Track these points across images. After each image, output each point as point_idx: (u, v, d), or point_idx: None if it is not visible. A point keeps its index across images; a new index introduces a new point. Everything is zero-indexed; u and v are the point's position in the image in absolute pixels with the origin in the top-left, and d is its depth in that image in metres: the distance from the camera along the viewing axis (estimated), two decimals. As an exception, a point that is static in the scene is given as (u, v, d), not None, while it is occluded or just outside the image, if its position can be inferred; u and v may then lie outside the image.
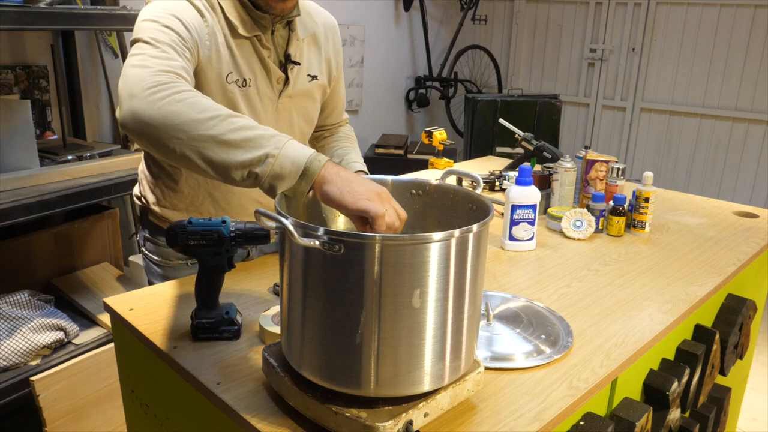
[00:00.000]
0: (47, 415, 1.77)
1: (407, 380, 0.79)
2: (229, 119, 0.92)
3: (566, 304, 1.25)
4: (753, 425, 2.58)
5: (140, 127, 0.94)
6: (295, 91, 1.35)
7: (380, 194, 0.87)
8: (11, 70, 2.38)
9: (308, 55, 1.37)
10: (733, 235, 1.70)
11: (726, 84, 4.05)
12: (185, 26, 1.13)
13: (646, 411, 1.11)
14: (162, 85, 0.95)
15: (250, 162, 0.89)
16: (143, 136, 0.95)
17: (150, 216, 1.42)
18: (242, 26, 1.22)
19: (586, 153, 1.81)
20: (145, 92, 0.94)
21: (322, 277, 0.78)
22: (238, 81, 1.25)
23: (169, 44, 1.07)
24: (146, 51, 1.04)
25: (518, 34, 4.87)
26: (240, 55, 1.24)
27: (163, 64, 1.02)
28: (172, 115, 0.92)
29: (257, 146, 0.89)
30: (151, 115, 0.92)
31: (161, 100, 0.93)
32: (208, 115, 0.92)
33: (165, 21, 1.11)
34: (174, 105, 0.92)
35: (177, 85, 0.96)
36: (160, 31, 1.09)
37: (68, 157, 2.17)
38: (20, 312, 1.94)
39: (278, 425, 0.85)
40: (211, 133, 0.90)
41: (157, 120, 0.92)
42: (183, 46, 1.10)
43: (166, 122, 0.92)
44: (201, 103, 0.94)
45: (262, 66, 1.28)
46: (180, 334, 1.08)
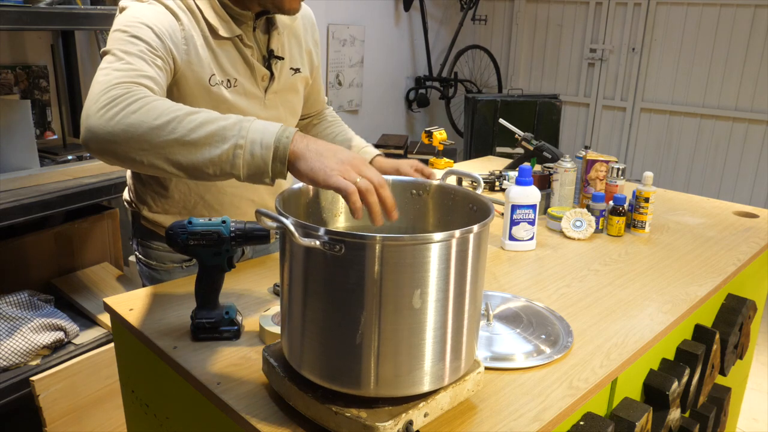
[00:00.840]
0: (47, 415, 1.77)
1: (407, 380, 0.79)
2: (188, 118, 0.89)
3: (566, 304, 1.25)
4: (753, 425, 2.58)
5: (102, 146, 0.91)
6: (280, 87, 1.33)
7: (352, 163, 0.85)
8: (11, 70, 2.38)
9: (290, 48, 1.36)
10: (733, 235, 1.70)
11: (726, 84, 4.05)
12: (156, 34, 1.09)
13: (646, 411, 1.11)
14: (115, 100, 0.92)
15: (219, 158, 0.87)
16: (108, 154, 0.93)
17: (142, 221, 1.40)
18: (222, 27, 1.19)
19: (586, 153, 1.81)
20: (100, 111, 0.91)
21: (322, 277, 0.78)
22: (223, 82, 1.23)
23: (136, 54, 1.04)
24: (111, 64, 1.01)
25: (518, 34, 4.87)
26: (223, 56, 1.22)
27: (124, 75, 0.98)
28: (131, 128, 0.89)
29: (222, 139, 0.87)
30: (110, 132, 0.90)
31: (116, 116, 0.90)
32: (166, 119, 0.89)
33: (134, 31, 1.07)
34: (130, 117, 0.90)
35: (130, 95, 0.92)
36: (128, 42, 1.06)
37: (68, 157, 2.17)
38: (20, 312, 1.94)
39: (278, 425, 0.85)
40: (173, 137, 0.88)
41: (117, 136, 0.90)
42: (153, 54, 1.07)
43: (126, 137, 0.89)
44: (156, 108, 0.90)
45: (246, 65, 1.26)
46: (180, 334, 1.08)
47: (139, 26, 1.08)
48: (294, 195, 0.92)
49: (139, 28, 1.08)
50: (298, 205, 0.93)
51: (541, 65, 4.84)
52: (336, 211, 0.98)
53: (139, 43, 1.06)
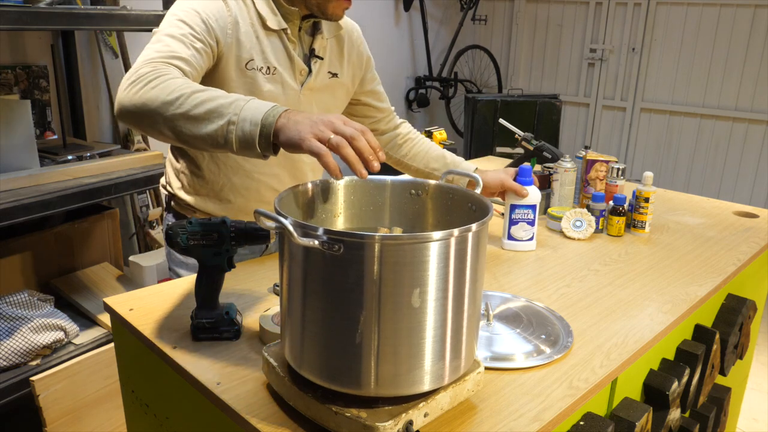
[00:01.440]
0: (47, 415, 1.77)
1: (407, 380, 0.79)
2: (193, 95, 0.99)
3: (566, 304, 1.25)
4: (753, 425, 2.58)
5: (125, 116, 1.06)
6: (316, 85, 1.40)
7: (326, 122, 0.89)
8: (11, 70, 2.38)
9: (330, 53, 1.42)
10: (733, 235, 1.70)
11: (726, 84, 4.05)
12: (202, 19, 1.20)
13: (646, 411, 1.11)
14: (141, 77, 1.04)
15: (215, 133, 0.96)
16: (131, 123, 1.07)
17: (174, 203, 1.50)
18: (271, 19, 1.29)
19: (586, 153, 1.81)
20: (128, 86, 1.04)
21: (321, 277, 0.78)
22: (263, 69, 1.30)
23: (177, 37, 1.16)
24: (153, 45, 1.15)
25: (518, 34, 4.87)
26: (268, 45, 1.30)
27: (159, 55, 1.11)
28: (148, 102, 1.02)
29: (219, 115, 0.96)
30: (132, 104, 1.03)
31: (139, 91, 1.02)
32: (176, 95, 0.99)
33: (182, 15, 1.20)
34: (149, 92, 1.01)
35: (154, 72, 1.04)
36: (174, 25, 1.18)
37: (68, 157, 2.17)
38: (20, 312, 1.94)
39: (278, 425, 0.85)
40: (180, 112, 0.99)
41: (137, 108, 1.03)
42: (194, 38, 1.18)
43: (144, 109, 1.02)
44: (170, 84, 1.01)
45: (287, 57, 1.33)
46: (180, 334, 1.09)
47: (188, 11, 1.20)
48: (293, 195, 0.92)
49: (188, 12, 1.20)
50: (297, 205, 0.93)
51: (541, 65, 4.84)
52: (335, 211, 0.98)
53: (184, 27, 1.18)
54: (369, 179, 0.99)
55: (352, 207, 0.99)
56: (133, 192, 2.42)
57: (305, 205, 0.95)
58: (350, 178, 0.99)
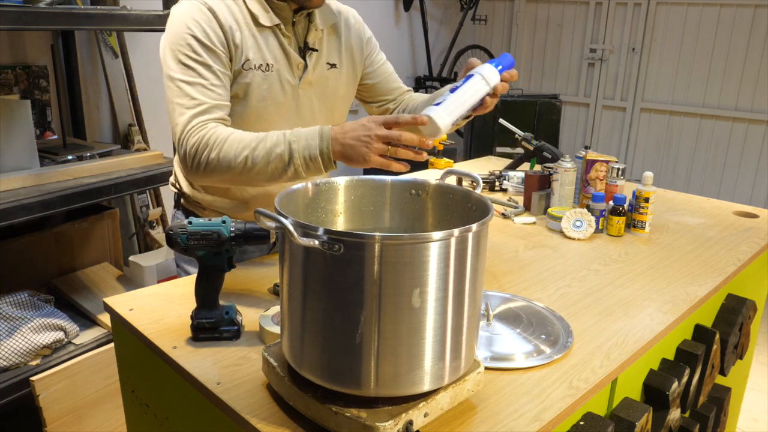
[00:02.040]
0: (47, 415, 1.77)
1: (407, 380, 0.79)
2: (251, 157, 1.17)
3: (566, 304, 1.25)
4: (753, 425, 2.58)
5: (201, 182, 1.40)
6: (314, 78, 1.40)
7: (371, 136, 1.11)
8: (11, 70, 2.38)
9: (328, 44, 1.42)
10: (733, 235, 1.70)
11: (726, 84, 4.05)
12: (203, 44, 1.24)
13: (646, 411, 1.11)
14: (196, 154, 1.21)
15: (288, 176, 1.18)
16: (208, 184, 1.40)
17: (183, 201, 1.51)
18: (263, 15, 1.30)
19: (586, 153, 1.81)
20: (189, 164, 1.23)
21: (321, 277, 0.78)
22: (261, 66, 1.31)
23: (196, 83, 1.23)
24: (178, 99, 1.24)
25: (518, 34, 4.87)
26: (263, 42, 1.32)
27: (192, 114, 1.22)
28: (215, 175, 1.22)
29: (283, 163, 1.17)
30: (203, 178, 1.25)
31: (200, 167, 1.21)
32: (239, 165, 1.18)
33: (185, 51, 1.24)
34: (211, 168, 1.20)
35: (204, 144, 1.20)
36: (186, 69, 1.24)
37: (68, 157, 2.17)
38: (20, 312, 1.94)
39: (278, 425, 0.85)
40: (248, 176, 1.20)
41: (207, 179, 1.26)
42: (208, 71, 1.24)
43: (215, 179, 1.25)
44: (228, 154, 1.18)
45: (283, 53, 1.34)
46: (180, 334, 1.09)
47: (189, 45, 1.24)
48: (293, 195, 0.92)
49: (191, 47, 1.24)
50: (297, 205, 0.93)
51: (541, 65, 4.84)
52: (335, 211, 0.98)
53: (195, 67, 1.24)
54: (369, 179, 0.99)
55: (352, 207, 0.99)
56: (133, 192, 2.42)
57: (305, 205, 0.95)
58: (350, 178, 0.99)
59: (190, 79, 1.23)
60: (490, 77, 1.22)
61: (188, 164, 1.23)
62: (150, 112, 2.84)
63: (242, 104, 1.32)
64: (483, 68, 1.23)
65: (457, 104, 1.18)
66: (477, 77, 1.21)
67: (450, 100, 1.18)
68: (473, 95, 1.20)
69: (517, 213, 1.82)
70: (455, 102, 1.18)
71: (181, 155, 1.24)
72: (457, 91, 1.19)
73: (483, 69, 1.23)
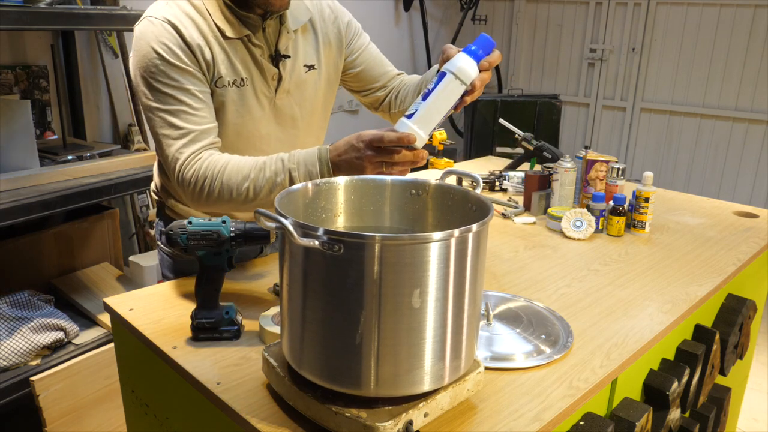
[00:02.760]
0: (47, 415, 1.77)
1: (407, 380, 0.79)
2: (253, 188, 1.16)
3: (566, 304, 1.25)
4: (753, 425, 2.58)
5: (203, 209, 1.34)
6: (291, 86, 1.34)
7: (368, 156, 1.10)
8: (11, 70, 2.38)
9: (303, 45, 1.35)
10: (733, 235, 1.70)
11: (726, 84, 4.05)
12: (176, 68, 1.19)
13: (646, 411, 1.11)
14: (196, 184, 1.19)
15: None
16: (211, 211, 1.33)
17: (166, 210, 1.46)
18: (230, 29, 1.23)
19: (586, 153, 1.81)
20: (188, 196, 1.21)
21: (321, 277, 0.78)
22: (236, 81, 1.26)
23: (178, 110, 1.19)
24: (163, 130, 1.20)
25: (518, 34, 4.86)
26: (234, 56, 1.25)
27: (182, 146, 1.19)
28: (218, 205, 1.21)
29: (277, 181, 1.15)
30: (205, 207, 1.26)
31: (203, 197, 1.19)
32: (241, 197, 1.17)
33: (162, 83, 1.19)
34: (213, 200, 1.19)
35: (204, 175, 1.18)
36: (163, 96, 1.19)
37: (68, 157, 2.17)
38: (20, 312, 1.94)
39: (278, 425, 0.85)
40: (251, 205, 1.16)
41: (211, 208, 1.24)
42: (186, 95, 1.19)
43: (218, 207, 1.23)
44: (229, 186, 1.17)
45: (255, 65, 1.28)
46: (180, 334, 1.09)
47: (160, 71, 1.18)
48: (293, 195, 0.92)
49: (162, 72, 1.18)
50: (297, 205, 0.93)
51: (541, 65, 4.83)
52: (335, 211, 0.98)
53: (173, 93, 1.19)
54: (369, 179, 0.99)
55: (352, 207, 0.99)
56: (133, 192, 2.42)
57: (305, 205, 0.95)
58: (350, 178, 0.99)
59: (170, 108, 1.18)
60: (465, 73, 1.07)
61: (189, 197, 1.21)
62: (150, 112, 2.83)
63: (219, 122, 1.26)
64: (458, 61, 1.08)
65: (431, 113, 1.07)
66: (449, 78, 1.08)
67: (422, 111, 1.07)
68: (447, 98, 1.08)
69: (517, 213, 1.82)
70: (428, 111, 1.07)
71: (180, 188, 1.22)
72: (430, 99, 1.07)
73: (458, 63, 1.08)
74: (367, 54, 1.47)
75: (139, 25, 1.22)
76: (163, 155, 1.22)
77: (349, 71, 1.46)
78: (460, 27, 4.78)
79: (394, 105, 1.49)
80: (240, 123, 1.29)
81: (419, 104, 1.08)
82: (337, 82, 1.46)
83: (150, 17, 1.20)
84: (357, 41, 1.46)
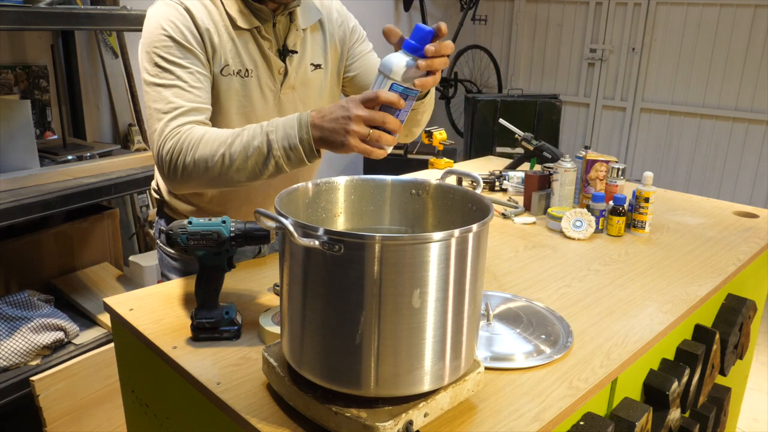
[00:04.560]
0: (47, 415, 1.77)
1: (407, 380, 0.79)
2: (228, 154, 1.08)
3: (566, 304, 1.25)
4: (753, 425, 2.58)
5: (180, 189, 1.23)
6: (296, 82, 1.34)
7: (351, 117, 0.99)
8: (11, 70, 2.38)
9: (311, 44, 1.36)
10: (733, 235, 1.70)
11: (726, 84, 4.05)
12: (180, 45, 1.19)
13: (646, 411, 1.11)
14: (172, 159, 1.13)
15: (267, 170, 1.08)
16: (187, 191, 1.32)
17: (166, 208, 1.46)
18: (241, 18, 1.24)
19: (586, 153, 1.81)
20: (166, 170, 1.15)
21: (322, 277, 0.78)
22: (241, 72, 1.27)
23: (172, 85, 1.17)
24: (155, 104, 1.17)
25: (518, 34, 4.86)
26: (242, 46, 1.26)
27: (170, 120, 1.15)
28: (193, 179, 1.14)
29: (262, 155, 1.07)
30: (181, 184, 1.17)
31: (178, 172, 1.13)
32: (216, 165, 1.10)
33: (162, 53, 1.18)
34: (188, 172, 1.12)
35: (179, 148, 1.12)
36: (162, 72, 1.18)
37: (68, 157, 2.17)
38: (20, 312, 1.94)
39: (278, 425, 0.85)
40: (228, 176, 1.10)
41: (186, 183, 1.16)
42: (186, 72, 1.19)
43: (194, 184, 1.16)
44: (204, 154, 1.10)
45: (262, 57, 1.29)
46: (180, 334, 1.09)
47: (164, 47, 1.18)
48: (293, 195, 0.92)
49: (166, 48, 1.18)
50: (297, 205, 0.93)
51: (541, 65, 4.84)
52: (335, 211, 0.98)
53: (172, 69, 1.18)
54: (369, 179, 0.99)
55: (352, 207, 0.99)
56: (133, 192, 2.41)
57: (305, 205, 0.95)
58: (350, 178, 0.99)
59: (166, 82, 1.17)
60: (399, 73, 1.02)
61: (165, 171, 1.15)
62: (150, 112, 2.83)
63: (222, 112, 1.27)
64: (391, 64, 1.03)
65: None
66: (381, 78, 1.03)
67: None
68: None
69: (517, 213, 1.82)
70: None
71: (158, 163, 1.17)
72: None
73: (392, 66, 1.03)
74: (365, 61, 1.48)
75: (153, 6, 1.23)
76: (150, 129, 1.19)
77: (345, 74, 1.47)
78: (460, 27, 4.78)
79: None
80: (242, 114, 1.30)
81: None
82: (340, 84, 1.47)
83: (164, 0, 1.22)
84: (359, 46, 1.47)
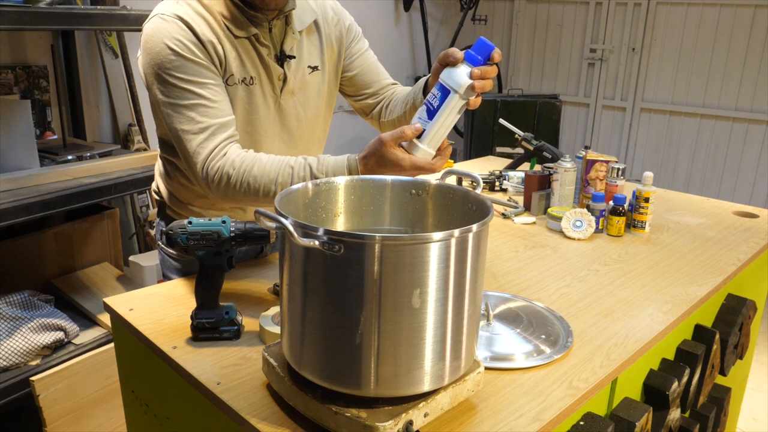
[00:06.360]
0: (47, 415, 1.77)
1: (407, 380, 0.79)
2: (277, 188, 1.16)
3: (566, 304, 1.25)
4: (753, 425, 2.58)
5: (229, 204, 1.35)
6: (295, 87, 1.35)
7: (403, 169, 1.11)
8: (11, 70, 2.38)
9: (308, 46, 1.36)
10: (733, 235, 1.70)
11: (726, 84, 4.05)
12: (190, 61, 1.18)
13: (646, 411, 1.11)
14: (219, 185, 1.19)
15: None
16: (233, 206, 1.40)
17: (167, 210, 1.46)
18: (238, 27, 1.24)
19: (586, 153, 1.81)
20: (212, 191, 1.21)
21: (321, 277, 0.78)
22: (245, 80, 1.27)
23: (195, 104, 1.19)
24: (182, 126, 1.20)
25: (518, 34, 4.86)
26: (244, 54, 1.26)
27: (203, 142, 1.19)
28: (242, 203, 1.26)
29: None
30: (228, 202, 1.26)
31: (228, 193, 1.20)
32: (268, 196, 1.17)
33: (177, 78, 1.18)
34: (239, 195, 1.19)
35: (227, 172, 1.18)
36: (180, 92, 1.19)
37: (68, 157, 2.17)
38: (20, 312, 1.94)
39: (278, 425, 0.85)
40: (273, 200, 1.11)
41: (236, 202, 1.26)
42: (202, 89, 1.19)
43: (242, 202, 1.24)
44: (254, 185, 1.17)
45: (263, 64, 1.29)
46: (180, 334, 1.09)
47: (175, 66, 1.18)
48: (293, 195, 0.92)
49: (178, 67, 1.18)
50: (297, 205, 0.93)
51: (541, 65, 4.83)
52: (335, 211, 0.98)
53: (189, 88, 1.19)
54: (369, 179, 0.99)
55: (352, 207, 0.99)
56: (133, 192, 2.41)
57: (305, 205, 0.95)
58: (350, 178, 0.99)
59: (188, 102, 1.18)
60: (469, 92, 1.10)
61: (214, 192, 1.21)
62: (150, 112, 2.83)
63: None
64: (456, 77, 1.10)
65: (440, 131, 1.12)
66: (454, 97, 1.10)
67: (432, 131, 1.11)
68: (451, 113, 1.11)
69: (517, 213, 1.82)
70: (437, 130, 1.12)
71: (204, 182, 1.21)
72: (438, 118, 1.11)
73: (456, 79, 1.10)
74: (363, 59, 1.48)
75: (149, 23, 1.21)
76: (183, 150, 1.21)
77: (344, 74, 1.47)
78: (460, 27, 4.77)
79: (384, 114, 1.49)
80: (247, 122, 1.30)
81: (426, 123, 1.12)
82: (337, 83, 1.47)
83: (161, 15, 1.20)
84: (356, 45, 1.46)
